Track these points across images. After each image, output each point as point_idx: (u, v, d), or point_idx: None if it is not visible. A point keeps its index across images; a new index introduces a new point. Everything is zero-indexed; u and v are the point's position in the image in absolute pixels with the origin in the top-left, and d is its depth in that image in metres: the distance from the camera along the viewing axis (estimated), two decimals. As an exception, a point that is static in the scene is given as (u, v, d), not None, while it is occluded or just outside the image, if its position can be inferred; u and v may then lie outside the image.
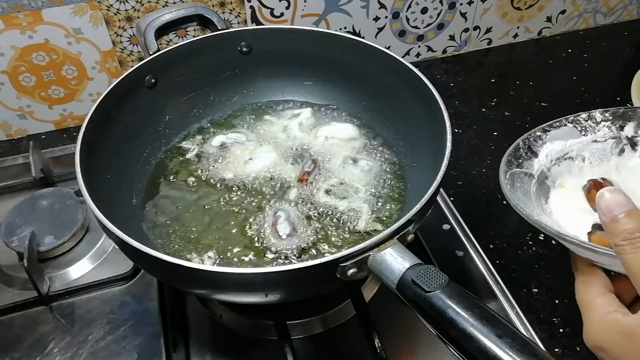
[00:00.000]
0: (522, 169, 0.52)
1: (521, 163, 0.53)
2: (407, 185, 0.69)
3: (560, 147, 0.55)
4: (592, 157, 0.55)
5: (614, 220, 0.40)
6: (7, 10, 0.80)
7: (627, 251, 0.39)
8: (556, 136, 0.55)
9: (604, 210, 0.41)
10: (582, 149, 0.55)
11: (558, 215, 0.51)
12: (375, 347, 0.59)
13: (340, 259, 0.46)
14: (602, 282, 0.45)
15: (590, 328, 0.43)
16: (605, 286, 0.44)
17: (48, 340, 0.64)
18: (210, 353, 0.63)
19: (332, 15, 0.98)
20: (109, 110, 0.65)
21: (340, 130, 0.76)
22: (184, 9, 0.74)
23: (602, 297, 0.44)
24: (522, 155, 0.53)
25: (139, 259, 0.52)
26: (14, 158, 0.87)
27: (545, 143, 0.54)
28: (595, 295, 0.44)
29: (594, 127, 0.55)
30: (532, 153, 0.54)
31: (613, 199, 0.41)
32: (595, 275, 0.45)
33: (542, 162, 0.54)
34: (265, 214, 0.65)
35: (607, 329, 0.41)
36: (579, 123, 0.55)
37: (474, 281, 0.69)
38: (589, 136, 0.55)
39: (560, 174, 0.54)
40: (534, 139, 0.54)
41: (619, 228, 0.40)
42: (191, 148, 0.75)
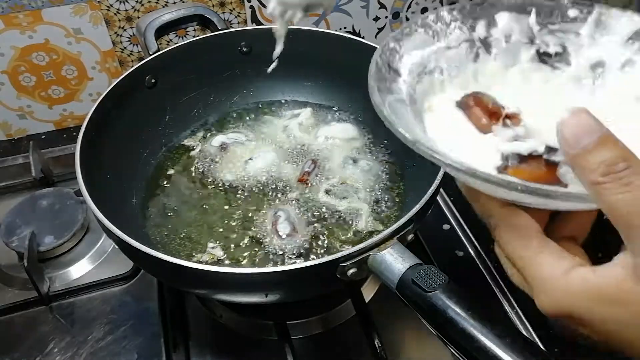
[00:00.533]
0: (394, 95, 0.43)
1: (390, 87, 0.44)
2: (407, 185, 0.69)
3: (419, 59, 0.46)
4: (449, 68, 0.48)
5: (586, 151, 0.31)
6: (7, 10, 0.80)
7: (612, 190, 0.30)
8: (411, 46, 0.46)
9: (570, 140, 0.32)
10: (438, 58, 0.47)
11: (441, 147, 0.42)
12: (375, 347, 0.59)
13: (340, 259, 0.46)
14: (536, 227, 0.37)
15: (548, 291, 0.35)
16: (540, 232, 0.37)
17: (48, 340, 0.64)
18: (210, 353, 0.63)
19: (332, 15, 0.98)
20: (109, 110, 0.65)
21: (340, 130, 0.76)
22: (184, 9, 0.74)
23: (546, 247, 0.36)
24: (386, 77, 0.44)
25: (139, 259, 0.52)
26: (14, 158, 0.87)
27: (402, 56, 0.46)
28: (536, 247, 0.36)
29: (445, 30, 0.47)
30: (394, 72, 0.45)
31: (580, 123, 0.32)
32: (522, 220, 0.37)
33: (407, 81, 0.45)
34: (265, 214, 0.65)
35: (577, 292, 0.34)
36: (429, 27, 0.47)
37: (474, 281, 0.69)
38: (442, 42, 0.47)
39: (425, 92, 0.46)
40: (389, 52, 0.46)
41: (595, 160, 0.31)
42: (191, 148, 0.75)
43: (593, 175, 0.31)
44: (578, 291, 0.33)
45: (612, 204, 0.30)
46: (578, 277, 0.34)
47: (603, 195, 0.31)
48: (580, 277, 0.34)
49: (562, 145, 0.32)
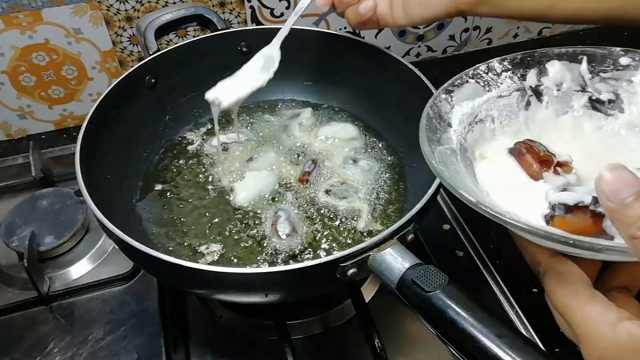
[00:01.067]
0: (444, 146, 0.44)
1: (440, 137, 0.45)
2: (407, 185, 0.69)
3: (470, 110, 0.48)
4: (500, 116, 0.49)
5: (624, 206, 0.31)
6: (7, 10, 0.80)
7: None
8: (462, 96, 0.48)
9: (608, 195, 0.32)
10: (490, 107, 0.48)
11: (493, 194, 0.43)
12: (375, 347, 0.59)
13: (340, 259, 0.46)
14: (584, 279, 0.37)
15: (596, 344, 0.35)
16: (588, 283, 0.37)
17: (48, 340, 0.64)
18: (210, 353, 0.63)
19: (332, 15, 0.98)
20: (109, 110, 0.65)
21: (340, 130, 0.75)
22: (184, 9, 0.74)
23: (595, 299, 0.36)
24: (437, 128, 0.45)
25: (139, 259, 0.52)
26: (14, 158, 0.87)
27: (454, 107, 0.47)
28: (585, 299, 0.36)
29: (496, 79, 0.49)
30: (444, 122, 0.46)
31: (617, 178, 0.32)
32: (571, 270, 0.37)
33: (458, 131, 0.46)
34: (265, 214, 0.65)
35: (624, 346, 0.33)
36: (480, 77, 0.48)
37: (474, 281, 0.69)
38: (494, 91, 0.49)
39: (476, 141, 0.47)
40: (440, 103, 0.47)
41: (632, 214, 0.31)
42: (191, 148, 0.75)
43: (631, 229, 0.31)
44: (624, 346, 0.34)
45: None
46: (624, 331, 0.34)
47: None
48: (627, 332, 0.34)
49: (601, 199, 0.33)
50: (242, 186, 0.68)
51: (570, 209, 0.37)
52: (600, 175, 0.33)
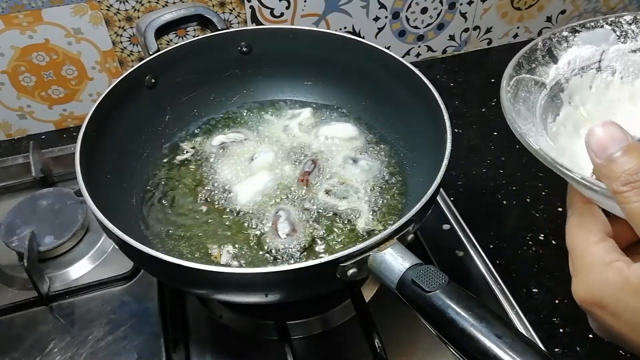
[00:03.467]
0: (534, 76, 0.43)
1: (534, 68, 0.43)
2: (407, 185, 0.69)
3: (589, 54, 0.44)
4: (624, 71, 0.45)
5: (610, 160, 0.32)
6: (7, 10, 0.80)
7: (630, 199, 0.32)
8: (587, 39, 0.44)
9: (595, 150, 0.33)
10: (615, 58, 0.44)
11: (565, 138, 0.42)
12: (375, 347, 0.59)
13: (340, 259, 0.46)
14: (601, 225, 0.38)
15: (585, 279, 0.36)
16: (604, 230, 0.37)
17: (48, 340, 0.64)
18: (210, 353, 0.63)
19: (332, 15, 0.98)
20: (109, 110, 0.65)
21: (340, 130, 0.75)
22: (184, 9, 0.74)
23: (602, 242, 0.36)
24: (537, 59, 0.43)
25: (139, 259, 0.52)
26: (14, 158, 0.87)
27: (571, 47, 0.44)
28: (594, 241, 0.37)
29: (638, 33, 0.44)
30: (551, 57, 0.44)
31: (606, 134, 0.33)
32: (593, 216, 0.38)
33: (562, 70, 0.44)
34: (265, 214, 0.65)
35: (610, 281, 0.34)
36: (620, 26, 0.44)
37: (474, 281, 0.69)
38: (628, 44, 0.44)
39: (581, 87, 0.44)
40: (557, 40, 0.44)
41: (617, 170, 0.32)
42: (191, 148, 0.75)
43: (615, 184, 0.32)
44: (610, 281, 0.34)
45: (631, 211, 0.32)
46: (614, 268, 0.34)
47: (622, 203, 0.32)
48: (616, 269, 0.34)
49: (590, 156, 0.34)
50: (242, 186, 0.68)
51: None
52: (591, 131, 0.33)
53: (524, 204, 0.82)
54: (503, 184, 0.85)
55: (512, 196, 0.83)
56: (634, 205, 0.31)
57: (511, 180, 0.86)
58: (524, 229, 0.77)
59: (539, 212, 0.80)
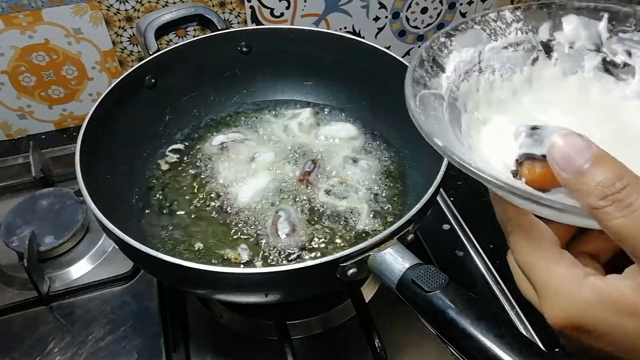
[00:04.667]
0: (431, 90, 0.42)
1: (428, 81, 0.42)
2: (407, 185, 0.69)
3: (469, 57, 0.45)
4: (502, 69, 0.45)
5: (579, 173, 0.29)
6: (7, 10, 0.80)
7: (612, 215, 0.29)
8: (463, 42, 0.45)
9: (561, 164, 0.30)
10: (492, 57, 0.45)
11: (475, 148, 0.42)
12: (375, 347, 0.59)
13: (340, 259, 0.46)
14: (552, 238, 0.35)
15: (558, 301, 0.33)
16: (557, 243, 0.35)
17: (48, 340, 0.64)
18: (210, 353, 0.63)
19: (332, 15, 0.98)
20: (109, 110, 0.65)
21: (340, 130, 0.76)
22: (184, 9, 0.74)
23: (561, 257, 0.34)
24: (428, 70, 0.42)
25: (139, 259, 0.52)
26: (14, 158, 0.87)
27: (451, 52, 0.44)
28: (551, 257, 0.34)
29: (505, 29, 0.45)
30: (438, 66, 0.43)
31: (569, 144, 0.30)
32: (538, 228, 0.35)
33: (451, 78, 0.44)
34: (265, 214, 0.65)
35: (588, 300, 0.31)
36: (487, 24, 0.45)
37: (474, 281, 0.69)
38: (500, 41, 0.45)
39: (470, 92, 0.44)
40: (438, 47, 0.44)
41: (590, 183, 0.29)
42: (191, 148, 0.75)
43: (591, 199, 0.29)
44: (591, 301, 0.31)
45: (615, 227, 0.29)
46: (589, 285, 0.32)
47: (604, 220, 0.29)
48: (592, 286, 0.32)
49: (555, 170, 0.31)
50: (242, 186, 0.68)
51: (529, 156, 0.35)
52: (552, 143, 0.31)
53: (524, 204, 0.82)
54: (503, 184, 0.85)
55: (512, 196, 0.83)
56: (618, 221, 0.28)
57: (511, 180, 0.85)
58: (524, 229, 0.77)
59: (539, 212, 0.80)
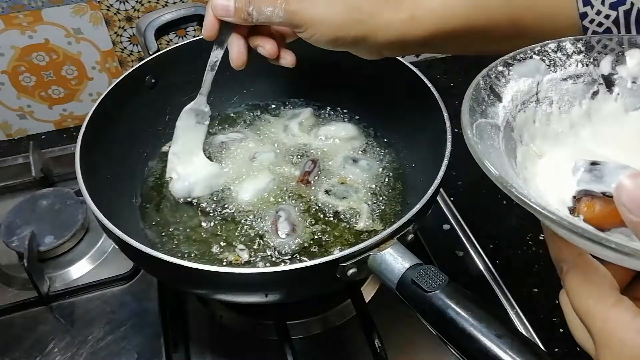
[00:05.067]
0: (487, 119, 0.41)
1: (485, 110, 0.42)
2: (407, 185, 0.69)
3: (527, 87, 0.44)
4: (561, 101, 0.45)
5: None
6: (7, 10, 0.80)
7: None
8: (521, 72, 0.44)
9: (630, 206, 0.29)
10: (550, 89, 0.45)
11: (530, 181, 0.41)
12: (375, 347, 0.59)
13: (340, 259, 0.46)
14: (612, 282, 0.34)
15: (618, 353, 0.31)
16: (615, 287, 0.33)
17: (48, 340, 0.64)
18: (210, 353, 0.63)
19: (332, 15, 0.98)
20: (109, 110, 0.65)
21: (340, 130, 0.75)
22: (184, 9, 0.74)
23: (621, 305, 0.32)
24: (484, 99, 0.42)
25: (139, 259, 0.52)
26: (14, 158, 0.87)
27: (509, 82, 0.44)
28: (611, 303, 0.32)
29: (565, 60, 0.45)
30: (495, 95, 0.43)
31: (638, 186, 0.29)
32: (597, 270, 0.34)
33: (508, 108, 0.43)
34: (265, 214, 0.65)
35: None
36: (547, 55, 0.45)
37: (474, 281, 0.69)
38: (559, 72, 0.45)
39: (526, 123, 0.44)
40: (495, 75, 0.44)
41: None
42: (191, 148, 0.75)
43: None
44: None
45: None
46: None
47: None
48: None
49: (622, 212, 0.30)
50: (242, 186, 0.68)
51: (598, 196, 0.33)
52: (620, 184, 0.29)
53: (524, 204, 0.82)
54: (503, 184, 0.85)
55: (512, 196, 0.83)
56: None
57: (511, 180, 0.85)
58: (524, 229, 0.77)
59: (539, 212, 0.80)
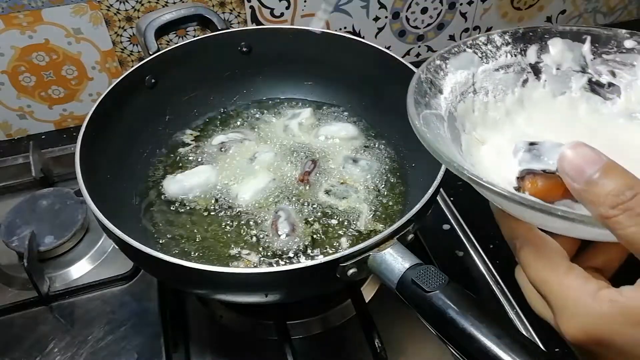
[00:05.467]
0: (431, 110, 0.44)
1: (428, 102, 0.44)
2: (407, 185, 0.69)
3: (464, 79, 0.47)
4: (495, 90, 0.48)
5: (590, 184, 0.30)
6: (7, 10, 0.80)
7: (624, 224, 0.29)
8: (457, 65, 0.47)
9: (572, 175, 0.31)
10: (484, 79, 0.47)
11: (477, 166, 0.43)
12: (375, 347, 0.59)
13: (340, 259, 0.46)
14: (562, 252, 0.36)
15: (574, 316, 0.33)
16: (566, 257, 0.36)
17: (48, 340, 0.64)
18: (210, 353, 0.63)
19: (332, 15, 0.98)
20: (109, 110, 0.65)
21: (340, 129, 0.76)
22: (184, 9, 0.74)
23: (573, 271, 0.34)
24: (427, 92, 0.45)
25: (139, 259, 0.52)
26: (14, 158, 0.87)
27: (447, 74, 0.46)
28: (563, 271, 0.34)
29: (495, 52, 0.48)
30: (435, 88, 0.45)
31: (579, 156, 0.31)
32: (546, 243, 0.36)
33: (449, 99, 0.46)
34: (265, 214, 0.65)
35: (606, 314, 0.32)
36: (479, 48, 0.47)
37: (474, 281, 0.69)
38: (491, 64, 0.48)
39: (467, 113, 0.47)
40: (434, 69, 0.46)
41: (600, 192, 0.29)
42: (191, 148, 0.75)
43: (602, 209, 0.29)
44: (608, 313, 0.32)
45: (627, 236, 0.29)
46: (605, 299, 0.32)
47: (616, 229, 0.29)
48: (608, 299, 0.32)
49: (566, 181, 0.32)
50: (242, 186, 0.68)
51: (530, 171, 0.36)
52: (562, 155, 0.32)
53: (524, 204, 0.82)
54: (503, 184, 0.85)
55: (512, 196, 0.83)
56: (631, 230, 0.29)
57: (511, 180, 0.85)
58: (524, 229, 0.77)
59: (539, 212, 0.80)
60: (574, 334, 0.33)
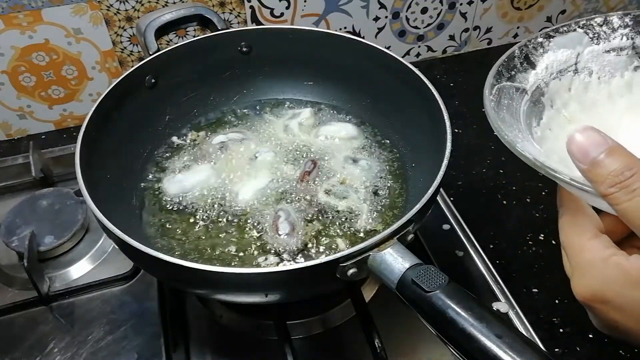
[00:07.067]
0: (514, 83, 0.44)
1: (514, 75, 0.44)
2: (407, 185, 0.69)
3: (565, 57, 0.46)
4: (601, 72, 0.46)
5: (594, 165, 0.33)
6: (7, 10, 0.80)
7: (620, 199, 0.33)
8: (561, 44, 0.46)
9: (578, 156, 0.34)
10: (591, 60, 0.46)
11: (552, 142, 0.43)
12: (375, 347, 0.59)
13: (340, 259, 0.46)
14: (593, 222, 0.39)
15: (584, 276, 0.37)
16: (597, 227, 0.38)
17: (48, 340, 0.64)
18: (210, 353, 0.63)
19: (332, 15, 0.98)
20: (109, 110, 0.65)
21: (340, 129, 0.76)
22: (184, 9, 0.74)
23: (596, 238, 0.37)
24: (516, 66, 0.45)
25: (139, 259, 0.52)
26: (14, 158, 0.87)
27: (547, 52, 0.46)
28: (588, 237, 0.37)
29: (609, 34, 0.46)
30: (529, 64, 0.45)
31: (586, 139, 0.34)
32: (584, 214, 0.39)
33: (540, 75, 0.45)
34: (265, 214, 0.65)
35: (610, 276, 0.35)
36: (591, 28, 0.46)
37: (474, 281, 0.69)
38: (602, 45, 0.46)
39: (560, 90, 0.46)
40: (533, 46, 0.46)
41: (602, 172, 0.33)
42: (191, 148, 0.75)
43: (603, 187, 0.33)
44: (611, 275, 0.35)
45: (623, 210, 0.33)
46: (613, 263, 0.35)
47: (614, 205, 0.33)
48: (615, 263, 0.35)
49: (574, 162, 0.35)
50: (242, 186, 0.68)
51: None
52: (571, 138, 0.34)
53: (524, 204, 0.82)
54: (503, 184, 0.85)
55: (512, 196, 0.83)
56: (625, 205, 0.32)
57: (511, 180, 0.86)
58: (524, 229, 0.77)
59: (538, 212, 0.80)
60: (581, 292, 0.37)
